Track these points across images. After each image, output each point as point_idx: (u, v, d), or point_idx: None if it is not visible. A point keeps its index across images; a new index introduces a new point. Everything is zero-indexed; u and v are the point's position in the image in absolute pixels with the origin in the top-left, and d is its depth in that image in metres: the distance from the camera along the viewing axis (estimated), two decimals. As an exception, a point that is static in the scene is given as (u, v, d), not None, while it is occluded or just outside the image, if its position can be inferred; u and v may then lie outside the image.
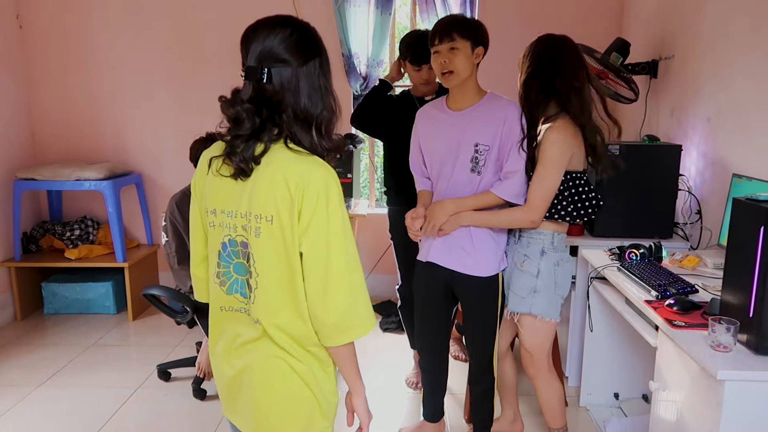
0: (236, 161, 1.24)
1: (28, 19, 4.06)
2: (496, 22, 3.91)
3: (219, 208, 1.32)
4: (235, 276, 1.33)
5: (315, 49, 1.30)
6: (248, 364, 1.33)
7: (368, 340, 3.59)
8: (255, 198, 1.25)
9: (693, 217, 2.81)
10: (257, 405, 1.35)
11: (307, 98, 1.27)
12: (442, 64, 2.04)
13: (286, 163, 1.24)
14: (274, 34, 1.26)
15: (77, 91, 4.15)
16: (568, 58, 2.03)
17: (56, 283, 3.98)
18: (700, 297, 2.00)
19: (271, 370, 1.32)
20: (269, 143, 1.25)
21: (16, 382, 3.06)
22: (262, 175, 1.25)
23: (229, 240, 1.31)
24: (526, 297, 2.11)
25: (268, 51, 1.25)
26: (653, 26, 3.43)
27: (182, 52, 4.02)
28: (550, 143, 1.99)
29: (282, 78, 1.26)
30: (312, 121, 1.27)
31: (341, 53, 3.95)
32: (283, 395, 1.34)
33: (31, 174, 3.83)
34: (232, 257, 1.32)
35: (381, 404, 2.88)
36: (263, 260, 1.27)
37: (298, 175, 1.23)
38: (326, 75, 1.32)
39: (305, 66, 1.27)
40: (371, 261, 4.15)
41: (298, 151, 1.25)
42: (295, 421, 1.37)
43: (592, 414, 2.72)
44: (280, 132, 1.26)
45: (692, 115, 2.94)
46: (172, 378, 3.08)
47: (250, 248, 1.28)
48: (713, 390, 1.57)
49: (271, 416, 1.36)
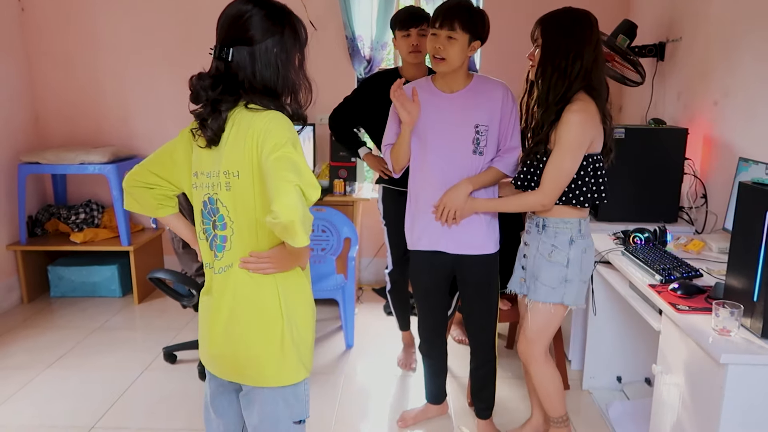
0: (206, 133, 1.42)
1: (30, 2, 4.03)
2: (500, 5, 3.87)
3: (200, 170, 1.48)
4: (214, 232, 1.49)
5: (276, 27, 1.41)
6: (230, 294, 1.48)
7: (371, 322, 3.62)
8: (224, 156, 1.41)
9: (698, 201, 2.80)
10: (236, 322, 1.48)
11: (265, 72, 1.40)
12: (436, 49, 2.03)
13: (246, 121, 1.39)
14: (238, 13, 1.40)
15: (80, 75, 4.13)
16: (589, 35, 1.92)
17: (62, 267, 4.00)
18: (705, 281, 2.00)
19: (246, 285, 1.48)
20: (225, 112, 1.40)
21: (24, 364, 3.09)
22: (228, 136, 1.41)
23: (209, 198, 1.47)
24: (557, 287, 2.04)
25: (229, 29, 1.40)
26: (661, 8, 3.39)
27: (186, 34, 4.00)
28: (569, 127, 1.90)
29: (241, 54, 1.39)
30: (272, 93, 1.41)
31: (345, 36, 3.92)
32: (257, 305, 1.48)
33: (36, 158, 3.83)
34: (211, 215, 1.48)
35: (383, 386, 2.90)
36: (236, 210, 1.43)
37: (253, 127, 1.37)
38: (288, 51, 1.43)
39: (263, 42, 1.39)
40: (375, 245, 4.15)
41: (256, 109, 1.40)
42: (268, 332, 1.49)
43: (595, 397, 2.74)
44: (236, 101, 1.40)
45: (699, 99, 2.91)
46: (178, 360, 3.11)
47: (224, 201, 1.44)
48: (716, 374, 1.57)
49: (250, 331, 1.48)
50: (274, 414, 1.52)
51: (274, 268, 1.46)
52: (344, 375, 3.01)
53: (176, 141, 1.56)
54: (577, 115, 1.89)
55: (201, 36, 4.12)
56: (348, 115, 2.91)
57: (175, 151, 1.55)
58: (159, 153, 1.57)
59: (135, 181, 1.57)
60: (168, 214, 1.64)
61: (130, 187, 1.58)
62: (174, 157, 1.55)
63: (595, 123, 1.93)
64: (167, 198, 1.62)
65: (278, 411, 1.52)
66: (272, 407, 1.51)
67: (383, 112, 2.26)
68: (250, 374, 1.51)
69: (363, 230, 4.10)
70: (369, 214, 4.08)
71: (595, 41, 1.93)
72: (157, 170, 1.56)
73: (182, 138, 1.54)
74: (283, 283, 1.48)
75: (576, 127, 1.90)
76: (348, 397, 2.80)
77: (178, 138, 1.56)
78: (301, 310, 1.52)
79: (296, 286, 1.52)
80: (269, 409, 1.51)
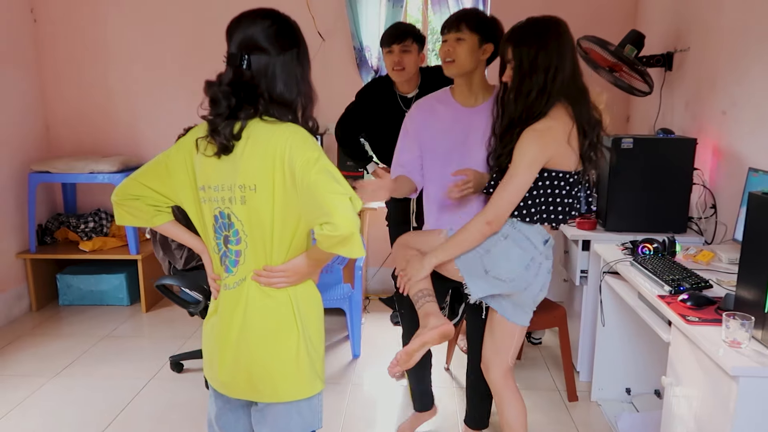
0: (219, 139, 1.37)
1: (42, 13, 4.09)
2: (507, 14, 3.88)
3: (207, 184, 1.44)
4: (224, 248, 1.47)
5: (293, 41, 1.42)
6: (241, 311, 1.46)
7: (378, 332, 3.61)
8: (240, 169, 1.38)
9: (708, 211, 2.78)
10: (251, 341, 1.46)
11: (283, 85, 1.39)
12: (446, 52, 2.03)
13: (263, 133, 1.37)
14: (255, 24, 1.39)
15: (91, 85, 4.17)
16: (563, 43, 1.83)
17: (71, 275, 4.02)
18: (715, 292, 1.98)
19: (260, 304, 1.46)
20: (245, 120, 1.38)
21: (32, 372, 3.11)
22: (244, 149, 1.37)
23: (220, 212, 1.44)
24: (529, 311, 2.01)
25: (248, 39, 1.38)
26: (669, 18, 3.38)
27: (195, 44, 4.03)
28: (521, 145, 1.81)
29: (259, 65, 1.38)
30: (289, 105, 1.40)
31: (353, 46, 3.94)
32: (273, 321, 1.46)
33: (46, 167, 3.87)
34: (222, 229, 1.45)
35: (390, 396, 2.88)
36: (251, 224, 1.41)
37: (275, 141, 1.36)
38: (303, 65, 1.44)
39: (282, 55, 1.39)
40: (381, 254, 4.14)
41: (272, 121, 1.39)
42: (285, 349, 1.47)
43: (604, 409, 2.71)
44: (256, 111, 1.38)
45: (707, 108, 2.90)
46: (185, 369, 3.11)
47: (238, 215, 1.41)
48: (727, 386, 1.56)
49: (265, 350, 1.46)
50: (288, 428, 1.49)
51: (287, 282, 1.44)
52: (351, 384, 3.00)
53: (172, 152, 1.50)
54: (532, 133, 1.80)
55: (210, 46, 4.15)
56: (351, 125, 2.93)
57: (170, 163, 1.49)
58: (152, 165, 1.51)
59: (125, 194, 1.51)
60: (166, 221, 1.58)
61: (121, 200, 1.52)
62: (170, 169, 1.49)
63: (556, 139, 1.81)
64: (162, 206, 1.56)
65: (292, 424, 1.49)
66: (286, 421, 1.49)
67: (380, 120, 2.28)
68: (265, 391, 1.47)
69: (370, 240, 4.10)
70: (376, 223, 4.08)
71: (570, 49, 1.85)
72: (149, 182, 1.50)
73: (180, 149, 1.49)
74: (296, 294, 1.47)
75: (529, 146, 1.80)
76: (354, 407, 2.79)
77: (174, 149, 1.50)
78: (314, 321, 1.51)
79: (310, 297, 1.51)
80: (283, 423, 1.49)
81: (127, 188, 1.51)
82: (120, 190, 1.51)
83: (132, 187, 1.51)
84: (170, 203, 1.55)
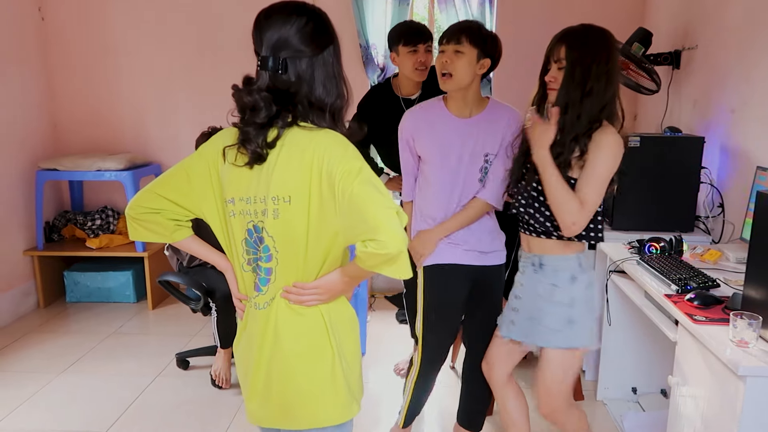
0: (251, 148, 1.26)
1: (49, 12, 4.10)
2: (515, 11, 3.88)
3: (237, 196, 1.33)
4: (255, 265, 1.36)
5: (329, 37, 1.31)
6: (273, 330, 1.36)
7: (383, 330, 3.61)
8: (273, 180, 1.27)
9: (715, 210, 2.77)
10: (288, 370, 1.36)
11: (322, 87, 1.29)
12: (443, 64, 1.99)
13: (299, 141, 1.27)
14: (290, 23, 1.26)
15: (98, 83, 4.19)
16: (615, 57, 1.76)
17: (78, 272, 4.04)
18: (722, 291, 1.97)
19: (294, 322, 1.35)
20: (282, 129, 1.27)
21: (39, 368, 3.13)
22: (278, 158, 1.27)
23: (254, 226, 1.33)
24: (562, 330, 1.86)
25: (284, 41, 1.26)
26: (676, 15, 3.36)
27: (201, 42, 4.04)
28: (607, 152, 1.71)
29: (298, 68, 1.27)
30: (326, 108, 1.30)
31: (359, 44, 3.93)
32: (307, 341, 1.36)
33: (53, 164, 3.89)
34: (258, 243, 1.34)
35: (396, 394, 2.88)
36: (283, 239, 1.30)
37: (312, 149, 1.25)
38: (339, 61, 1.33)
39: (321, 55, 1.29)
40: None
41: (309, 127, 1.28)
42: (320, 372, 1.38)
43: (610, 408, 2.70)
44: (295, 118, 1.28)
45: (715, 107, 2.88)
46: (191, 366, 3.12)
47: (270, 230, 1.31)
48: (734, 386, 1.55)
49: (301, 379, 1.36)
50: None
51: (318, 300, 1.34)
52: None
53: (194, 161, 1.37)
54: (614, 137, 1.72)
55: (217, 45, 4.18)
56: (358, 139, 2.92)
57: (191, 172, 1.36)
58: (170, 175, 1.38)
59: (141, 207, 1.37)
60: (186, 236, 1.45)
61: (138, 215, 1.37)
62: (191, 179, 1.36)
63: (622, 150, 1.76)
64: (182, 219, 1.43)
65: None
66: None
67: (386, 128, 2.25)
68: (301, 417, 1.38)
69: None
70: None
71: (618, 63, 1.80)
72: (168, 194, 1.37)
73: (202, 157, 1.36)
74: (329, 312, 1.37)
75: (613, 153, 1.73)
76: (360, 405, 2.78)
77: (195, 157, 1.37)
78: (349, 340, 1.42)
79: (343, 314, 1.41)
80: None
81: (143, 201, 1.37)
82: (135, 204, 1.37)
83: (149, 199, 1.37)
84: (191, 216, 1.42)
